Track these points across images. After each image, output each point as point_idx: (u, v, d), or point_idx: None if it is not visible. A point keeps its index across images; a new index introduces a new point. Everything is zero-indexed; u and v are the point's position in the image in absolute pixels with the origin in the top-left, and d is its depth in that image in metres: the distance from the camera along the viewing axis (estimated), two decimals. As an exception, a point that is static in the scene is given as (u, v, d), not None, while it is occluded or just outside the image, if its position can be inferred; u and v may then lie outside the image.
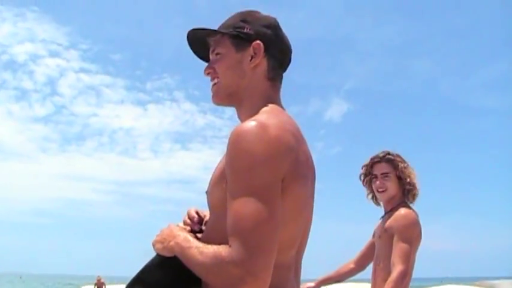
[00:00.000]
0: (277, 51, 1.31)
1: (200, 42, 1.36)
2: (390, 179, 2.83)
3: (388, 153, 2.88)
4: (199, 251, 1.06)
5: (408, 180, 2.80)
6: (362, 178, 2.99)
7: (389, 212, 2.80)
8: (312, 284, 2.96)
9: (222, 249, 1.02)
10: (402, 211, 2.72)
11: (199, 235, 1.23)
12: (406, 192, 2.82)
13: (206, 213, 1.33)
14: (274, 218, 1.03)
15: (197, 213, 1.36)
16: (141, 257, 1.25)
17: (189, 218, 1.33)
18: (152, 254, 1.22)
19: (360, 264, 3.04)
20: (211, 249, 1.04)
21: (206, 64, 1.36)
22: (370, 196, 2.99)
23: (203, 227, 1.30)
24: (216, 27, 1.33)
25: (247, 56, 1.28)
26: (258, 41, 1.27)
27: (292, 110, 1.31)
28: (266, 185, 1.04)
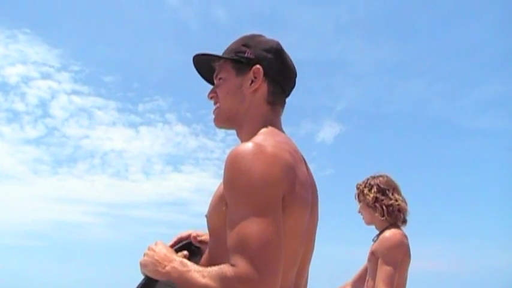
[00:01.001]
0: (279, 75, 1.31)
1: (206, 66, 1.38)
2: (361, 207, 2.90)
3: (368, 178, 2.92)
4: (201, 274, 1.02)
5: (379, 203, 2.80)
6: None
7: (378, 235, 2.79)
8: None
9: (226, 269, 0.98)
10: (387, 233, 2.71)
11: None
12: (388, 214, 2.79)
13: (205, 236, 1.32)
14: (279, 237, 1.01)
15: (195, 236, 1.37)
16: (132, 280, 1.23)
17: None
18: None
19: (356, 287, 3.01)
20: (213, 271, 1.01)
21: (211, 87, 1.37)
22: None
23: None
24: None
25: (247, 80, 1.29)
26: (257, 66, 1.28)
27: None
28: (268, 204, 1.03)
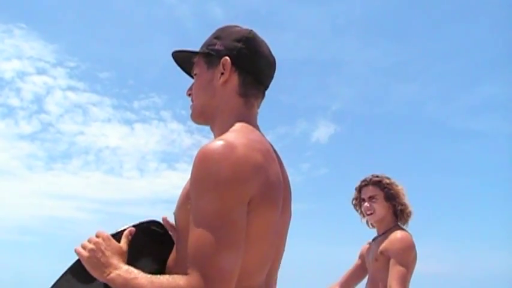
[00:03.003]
0: (251, 65, 1.25)
1: (189, 63, 1.34)
2: (377, 201, 2.81)
3: (376, 176, 2.86)
4: (148, 280, 0.98)
5: (397, 200, 2.78)
6: (353, 203, 2.97)
7: (383, 235, 2.76)
8: None
9: (178, 279, 0.95)
10: (398, 234, 2.68)
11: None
12: (398, 213, 2.79)
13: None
14: (237, 245, 0.97)
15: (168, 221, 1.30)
16: None
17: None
18: None
19: (346, 287, 2.99)
20: (163, 278, 0.97)
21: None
22: (364, 220, 2.94)
23: None
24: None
25: (217, 73, 1.24)
26: (225, 57, 1.22)
27: (278, 131, 1.28)
28: (230, 209, 0.97)
